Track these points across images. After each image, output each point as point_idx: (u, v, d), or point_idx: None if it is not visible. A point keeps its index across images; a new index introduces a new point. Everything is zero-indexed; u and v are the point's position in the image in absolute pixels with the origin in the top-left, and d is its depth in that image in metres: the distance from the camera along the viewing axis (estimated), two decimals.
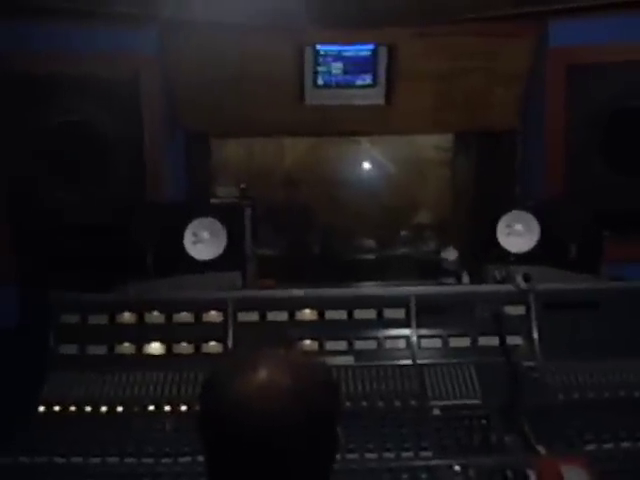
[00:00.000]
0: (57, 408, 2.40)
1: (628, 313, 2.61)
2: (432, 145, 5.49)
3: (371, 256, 5.00)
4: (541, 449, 2.12)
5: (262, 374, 1.31)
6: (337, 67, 3.79)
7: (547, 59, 3.57)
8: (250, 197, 4.30)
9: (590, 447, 2.17)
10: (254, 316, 2.62)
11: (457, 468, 2.05)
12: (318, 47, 3.75)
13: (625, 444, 2.18)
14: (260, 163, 5.85)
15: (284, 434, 1.29)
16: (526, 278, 2.66)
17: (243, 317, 2.62)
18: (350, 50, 3.77)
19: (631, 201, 3.36)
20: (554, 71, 3.55)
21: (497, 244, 3.06)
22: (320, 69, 3.78)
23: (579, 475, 1.68)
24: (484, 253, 3.10)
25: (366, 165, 6.18)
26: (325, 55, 3.77)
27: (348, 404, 2.37)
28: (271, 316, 2.62)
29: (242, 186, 4.54)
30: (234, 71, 3.71)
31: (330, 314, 2.63)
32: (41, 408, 2.40)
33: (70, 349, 2.57)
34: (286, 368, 1.35)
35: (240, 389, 1.31)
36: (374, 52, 3.77)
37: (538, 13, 3.48)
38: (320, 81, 3.81)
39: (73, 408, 2.40)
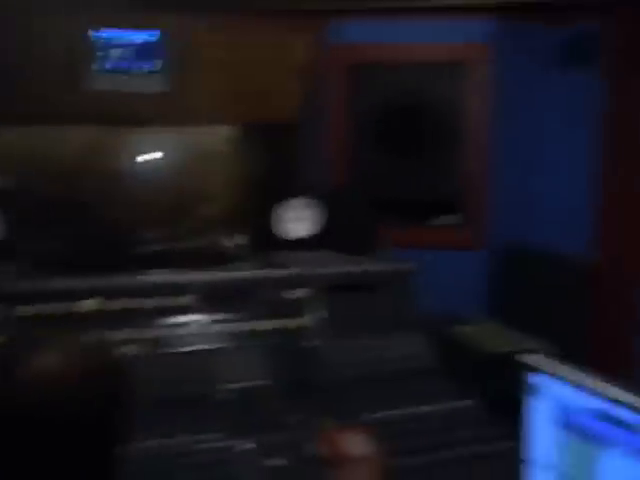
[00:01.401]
0: None
1: (401, 293, 2.81)
2: (216, 136, 5.49)
3: (156, 247, 4.91)
4: (328, 423, 2.21)
5: (48, 356, 1.29)
6: (119, 53, 3.69)
7: (329, 55, 3.72)
8: (22, 188, 4.08)
9: (374, 416, 2.31)
10: (32, 309, 2.50)
11: (249, 447, 2.10)
12: (100, 31, 3.63)
13: (403, 411, 2.35)
14: (37, 153, 5.55)
15: (68, 414, 1.26)
16: (307, 262, 2.77)
17: (21, 310, 2.49)
18: (133, 36, 3.68)
19: (406, 191, 3.60)
20: (335, 67, 3.70)
21: (279, 231, 3.15)
22: (101, 54, 3.66)
23: (363, 442, 1.78)
24: (267, 240, 3.18)
25: (149, 156, 6.06)
26: (107, 40, 3.65)
27: (137, 393, 2.33)
28: (51, 308, 2.52)
29: (10, 177, 4.29)
30: (9, 54, 3.50)
31: (114, 303, 2.58)
32: None
33: None
34: (73, 350, 1.34)
35: (25, 370, 1.26)
36: (158, 39, 3.71)
37: (321, 10, 3.62)
38: (101, 66, 3.68)
39: None
